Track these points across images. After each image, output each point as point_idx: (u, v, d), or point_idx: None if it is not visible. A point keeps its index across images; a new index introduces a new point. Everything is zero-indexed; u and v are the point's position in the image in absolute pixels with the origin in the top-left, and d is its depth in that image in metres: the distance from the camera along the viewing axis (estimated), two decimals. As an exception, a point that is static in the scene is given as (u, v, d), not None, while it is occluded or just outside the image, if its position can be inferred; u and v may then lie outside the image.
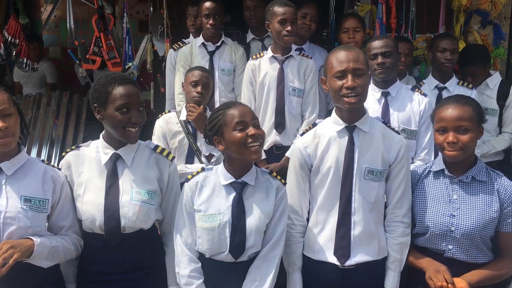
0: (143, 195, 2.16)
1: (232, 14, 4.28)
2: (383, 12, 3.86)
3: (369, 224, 2.22)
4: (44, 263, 2.03)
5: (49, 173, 2.12)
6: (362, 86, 2.14)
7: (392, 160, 2.24)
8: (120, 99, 2.08)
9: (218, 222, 2.11)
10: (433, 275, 2.11)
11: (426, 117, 3.00)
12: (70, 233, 2.17)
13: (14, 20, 4.72)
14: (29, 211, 2.02)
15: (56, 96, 4.37)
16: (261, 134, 2.13)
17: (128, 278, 2.18)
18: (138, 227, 2.17)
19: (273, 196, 2.18)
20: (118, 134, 2.14)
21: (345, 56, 2.14)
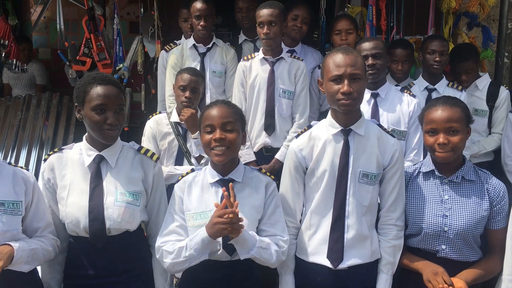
0: (127, 196, 2.15)
1: (223, 16, 4.28)
2: (373, 14, 3.88)
3: (363, 227, 2.23)
4: (24, 267, 2.00)
5: (19, 175, 2.10)
6: (358, 91, 2.14)
7: (386, 164, 2.25)
8: (96, 99, 2.07)
9: (209, 218, 2.10)
10: (432, 277, 2.12)
11: (415, 118, 3.02)
12: (46, 233, 2.14)
13: (3, 21, 4.68)
14: (3, 215, 1.99)
15: (46, 98, 4.34)
16: (228, 138, 2.11)
17: (115, 281, 2.17)
18: (124, 228, 2.16)
19: (263, 191, 2.19)
20: (95, 134, 2.13)
21: (342, 61, 2.13)
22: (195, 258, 2.07)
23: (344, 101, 2.13)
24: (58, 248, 2.19)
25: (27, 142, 3.90)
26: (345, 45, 3.51)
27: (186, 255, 2.06)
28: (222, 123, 2.12)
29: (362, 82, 2.16)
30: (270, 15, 3.18)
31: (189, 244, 2.07)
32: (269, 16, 3.18)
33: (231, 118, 2.14)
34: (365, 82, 2.20)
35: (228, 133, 2.12)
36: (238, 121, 2.17)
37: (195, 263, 2.08)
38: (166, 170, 2.98)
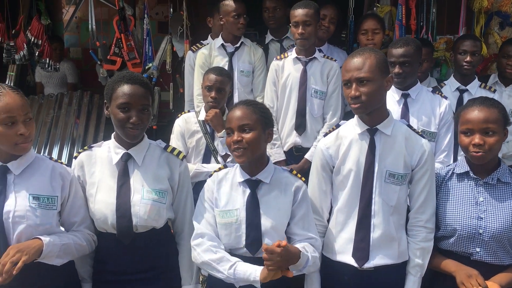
0: (154, 194, 2.18)
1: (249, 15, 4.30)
2: (403, 13, 3.84)
3: (390, 227, 2.21)
4: (56, 261, 2.04)
5: (57, 170, 2.14)
6: (367, 94, 2.12)
7: (415, 164, 2.22)
8: (121, 97, 2.11)
9: (235, 217, 2.13)
10: (465, 280, 2.09)
11: (446, 120, 2.99)
12: (81, 228, 2.18)
13: (37, 21, 4.80)
14: (37, 209, 2.03)
15: (77, 96, 4.43)
16: (245, 139, 2.11)
17: (142, 278, 2.20)
18: (150, 226, 2.19)
19: (291, 194, 2.18)
20: (119, 132, 2.17)
21: (350, 65, 2.15)
22: (230, 280, 2.06)
23: (353, 105, 2.16)
24: (95, 243, 2.23)
25: (59, 139, 3.99)
26: (371, 45, 3.50)
27: (226, 272, 2.06)
28: (239, 125, 2.13)
29: (372, 84, 2.13)
30: (305, 15, 3.18)
31: (237, 266, 2.06)
32: (304, 16, 3.18)
33: (248, 119, 2.13)
34: (378, 83, 2.15)
35: (246, 134, 2.12)
36: (259, 120, 2.15)
37: (223, 280, 2.09)
38: (194, 167, 3.02)
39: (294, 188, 2.19)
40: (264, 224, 2.13)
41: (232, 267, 2.06)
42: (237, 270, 2.05)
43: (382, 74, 2.17)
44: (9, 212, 1.98)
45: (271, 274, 1.98)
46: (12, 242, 1.98)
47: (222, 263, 2.07)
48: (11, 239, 1.99)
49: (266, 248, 1.93)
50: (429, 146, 2.27)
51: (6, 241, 1.98)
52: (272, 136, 2.23)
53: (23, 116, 1.99)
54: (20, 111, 1.98)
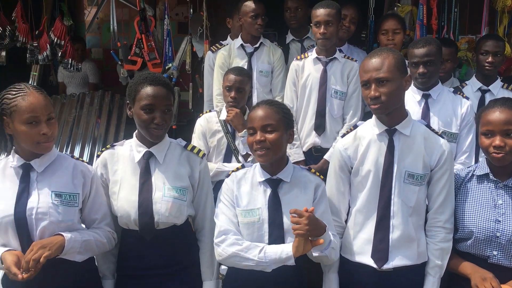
0: (175, 192, 2.21)
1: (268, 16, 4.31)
2: (424, 13, 3.80)
3: (409, 228, 2.20)
4: (77, 257, 2.08)
5: (78, 168, 2.17)
6: (387, 94, 2.12)
7: (434, 165, 2.21)
8: (145, 99, 2.14)
9: (258, 216, 2.15)
10: (480, 282, 2.07)
11: (468, 120, 2.96)
12: (102, 225, 2.21)
13: (60, 22, 4.88)
14: (60, 206, 2.06)
15: (98, 96, 4.50)
16: (268, 139, 2.11)
17: (164, 273, 2.23)
18: (171, 222, 2.22)
19: (311, 192, 2.19)
20: (143, 132, 2.21)
21: (369, 65, 2.15)
22: (262, 265, 2.07)
23: (373, 106, 2.15)
24: (115, 240, 2.26)
25: (80, 138, 4.06)
26: (391, 45, 3.47)
27: (257, 257, 2.07)
28: (262, 125, 2.13)
29: (391, 84, 2.12)
30: (327, 15, 3.18)
31: (267, 248, 2.08)
32: (326, 16, 3.17)
33: (271, 119, 2.13)
34: (397, 83, 2.14)
35: (269, 134, 2.12)
36: (281, 120, 2.16)
37: (254, 268, 2.09)
38: (215, 167, 3.04)
39: (314, 185, 2.20)
40: (286, 222, 2.13)
41: (261, 251, 2.07)
42: (267, 252, 2.06)
43: (401, 74, 2.16)
44: (32, 208, 2.03)
45: (301, 244, 2.00)
46: (35, 238, 2.03)
47: (251, 250, 2.09)
48: (34, 235, 2.03)
49: (294, 211, 1.96)
50: (448, 146, 2.25)
51: (29, 237, 2.03)
52: (293, 137, 2.24)
53: (46, 116, 2.03)
54: (43, 111, 2.01)
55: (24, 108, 1.98)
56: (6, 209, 2.02)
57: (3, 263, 1.96)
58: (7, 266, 1.93)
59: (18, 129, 2.00)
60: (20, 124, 1.99)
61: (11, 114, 1.99)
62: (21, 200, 2.03)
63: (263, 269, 2.08)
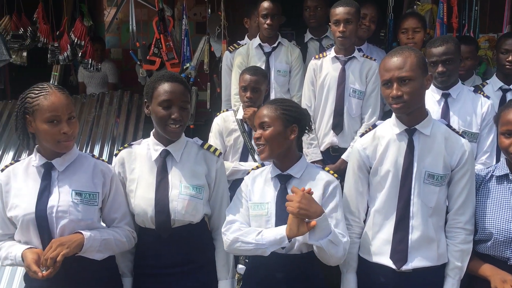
0: (191, 190, 2.22)
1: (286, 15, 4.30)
2: (444, 11, 3.75)
3: (428, 229, 2.18)
4: (97, 255, 2.10)
5: (99, 167, 2.20)
6: (410, 93, 2.10)
7: (454, 165, 2.18)
8: (163, 95, 2.16)
9: (266, 210, 2.17)
10: (500, 285, 2.05)
11: (489, 120, 2.91)
12: (122, 225, 2.23)
13: (80, 22, 4.95)
14: (80, 205, 2.09)
15: (117, 96, 4.54)
16: (263, 135, 2.16)
17: (180, 271, 2.25)
18: (187, 221, 2.23)
19: (320, 189, 2.17)
20: (160, 129, 2.22)
21: (390, 64, 2.13)
22: (260, 248, 2.08)
23: (395, 105, 2.13)
24: (135, 240, 2.28)
25: (100, 137, 4.10)
26: (411, 44, 3.43)
27: (254, 240, 2.09)
28: (259, 123, 2.20)
29: (414, 83, 2.11)
30: (347, 13, 3.16)
31: (264, 231, 2.11)
32: (345, 14, 3.16)
33: (267, 117, 2.17)
34: (419, 82, 2.13)
35: (264, 131, 2.17)
36: (279, 117, 2.17)
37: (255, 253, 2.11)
38: (231, 166, 3.04)
39: (324, 183, 2.19)
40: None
41: (259, 233, 2.10)
42: (264, 235, 2.09)
43: (422, 73, 2.14)
44: (53, 207, 2.06)
45: (294, 224, 2.00)
46: (55, 236, 2.06)
47: (250, 234, 2.12)
48: (54, 233, 2.06)
49: (292, 189, 2.00)
50: (469, 146, 2.22)
51: (50, 234, 2.06)
52: (295, 133, 2.20)
53: (67, 115, 2.06)
54: (64, 110, 2.04)
55: (45, 107, 2.01)
56: (27, 207, 2.06)
57: (24, 260, 2.00)
58: (28, 264, 1.97)
59: (39, 127, 2.03)
60: (41, 123, 2.02)
61: (33, 113, 2.03)
62: (42, 198, 2.07)
63: (262, 253, 2.09)
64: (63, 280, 2.04)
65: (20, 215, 2.06)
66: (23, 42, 5.16)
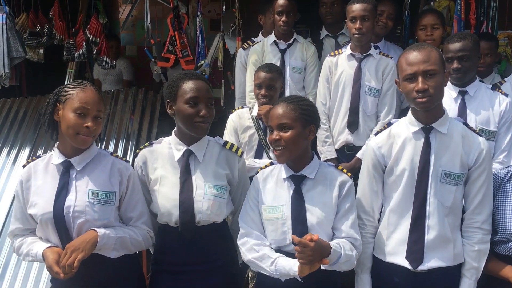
0: (215, 190, 2.22)
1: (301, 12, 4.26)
2: (461, 7, 3.69)
3: (445, 229, 2.15)
4: (112, 253, 2.11)
5: (116, 166, 2.20)
6: (435, 87, 2.07)
7: (472, 164, 2.15)
8: (189, 92, 2.17)
9: (281, 213, 2.14)
10: None
11: (507, 118, 2.86)
12: (139, 224, 2.23)
13: (95, 20, 4.97)
14: (96, 205, 2.10)
15: (132, 93, 4.55)
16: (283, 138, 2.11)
17: (200, 269, 2.25)
18: (212, 220, 2.23)
19: (336, 189, 2.15)
20: (187, 127, 2.21)
21: (414, 58, 2.09)
22: (275, 276, 2.08)
23: (420, 99, 2.08)
24: (152, 239, 2.28)
25: (115, 134, 4.11)
26: (430, 41, 3.39)
27: (269, 269, 2.08)
28: (278, 124, 2.14)
29: (438, 77, 2.08)
30: (364, 10, 3.14)
31: (278, 261, 2.08)
32: (362, 11, 3.14)
33: (286, 118, 2.12)
34: (442, 76, 2.10)
35: (284, 133, 2.12)
36: (299, 118, 2.13)
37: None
38: (246, 163, 3.02)
39: (339, 182, 2.16)
40: (309, 219, 2.12)
41: (273, 263, 2.07)
42: (278, 266, 2.06)
43: (444, 68, 2.12)
44: (70, 207, 2.07)
45: (306, 268, 1.96)
46: (73, 234, 2.08)
47: (264, 260, 2.10)
48: (72, 232, 2.08)
49: (299, 241, 1.90)
50: (487, 144, 2.18)
51: (68, 233, 2.09)
52: (314, 133, 2.19)
53: (96, 112, 2.09)
54: (94, 106, 2.08)
55: (78, 97, 2.07)
56: (46, 206, 2.08)
57: (45, 260, 2.02)
58: (49, 265, 1.99)
59: (66, 115, 2.07)
60: (69, 111, 2.06)
61: (65, 101, 2.08)
62: (59, 197, 2.09)
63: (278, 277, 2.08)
64: (86, 276, 2.07)
65: (39, 214, 2.09)
66: (40, 39, 5.21)
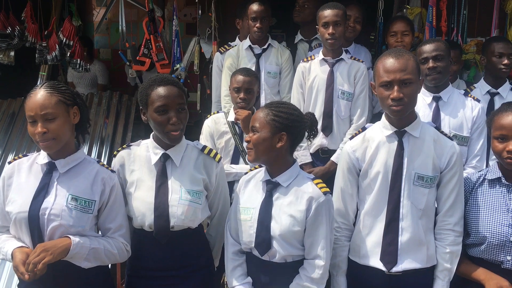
0: (191, 195, 2.20)
1: (277, 17, 4.29)
2: (433, 15, 3.78)
3: (418, 231, 2.18)
4: (83, 263, 2.06)
5: (100, 175, 2.15)
6: (410, 95, 2.11)
7: (443, 167, 2.19)
8: (158, 101, 2.13)
9: (250, 215, 2.16)
10: None
11: (479, 123, 2.91)
12: (116, 236, 2.18)
13: (69, 22, 4.89)
14: (73, 210, 2.05)
15: (106, 96, 4.50)
16: (252, 140, 2.15)
17: (175, 274, 2.23)
18: (186, 226, 2.22)
19: (304, 203, 2.11)
20: (160, 135, 2.20)
21: (392, 66, 2.11)
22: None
23: (394, 107, 2.12)
24: (128, 253, 2.22)
25: (88, 138, 4.05)
26: (400, 47, 3.44)
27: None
28: (251, 126, 2.18)
29: (414, 86, 2.12)
30: (336, 15, 3.19)
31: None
32: (334, 17, 3.19)
33: (256, 121, 2.15)
34: (417, 85, 2.14)
35: (253, 134, 2.15)
36: (268, 123, 2.12)
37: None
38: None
39: (307, 197, 2.10)
40: (273, 227, 2.11)
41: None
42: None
43: (419, 76, 2.16)
44: (46, 208, 2.03)
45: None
46: (45, 237, 2.03)
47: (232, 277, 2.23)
48: (44, 235, 2.03)
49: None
50: (458, 148, 2.24)
51: (41, 235, 2.04)
52: (284, 142, 2.13)
53: (42, 117, 2.00)
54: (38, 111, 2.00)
55: (26, 107, 2.03)
56: (22, 205, 2.04)
57: (13, 260, 1.98)
58: (15, 264, 1.95)
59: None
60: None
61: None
62: (37, 198, 2.05)
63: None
64: (54, 282, 2.02)
65: (14, 211, 2.04)
66: (10, 41, 5.09)
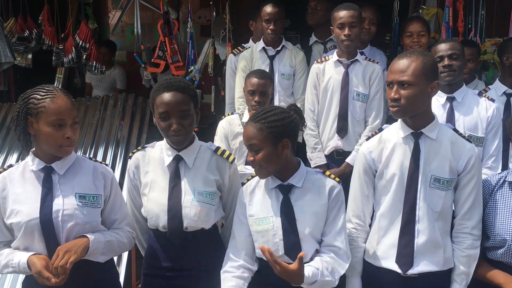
0: (204, 196, 2.21)
1: (291, 19, 4.29)
2: (449, 15, 3.74)
3: (435, 233, 2.16)
4: (101, 258, 2.10)
5: (98, 170, 2.18)
6: (407, 98, 2.09)
7: (461, 169, 2.16)
8: (160, 107, 2.14)
9: (271, 224, 2.11)
10: None
11: (494, 123, 2.88)
12: (123, 225, 2.23)
13: (85, 25, 4.96)
14: (84, 208, 2.08)
15: (122, 98, 4.53)
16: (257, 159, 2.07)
17: (188, 275, 2.24)
18: (200, 227, 2.23)
19: (325, 195, 2.12)
20: (165, 139, 2.23)
21: (394, 67, 2.13)
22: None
23: (391, 108, 2.14)
24: (134, 240, 2.29)
25: (104, 140, 4.09)
26: (416, 47, 3.43)
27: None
28: (249, 145, 2.09)
29: (413, 89, 2.09)
30: (352, 17, 3.19)
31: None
32: (350, 18, 3.19)
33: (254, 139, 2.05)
34: (419, 88, 2.10)
35: (256, 154, 2.07)
36: (267, 137, 2.05)
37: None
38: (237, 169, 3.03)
39: (328, 189, 2.12)
40: (300, 229, 2.09)
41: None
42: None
43: (426, 80, 2.11)
44: (59, 211, 2.04)
45: None
46: (61, 240, 2.04)
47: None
48: (60, 237, 2.04)
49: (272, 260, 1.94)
50: (476, 150, 2.20)
51: (56, 239, 2.04)
52: (288, 146, 2.09)
53: (72, 120, 2.04)
54: (70, 115, 2.03)
55: (52, 110, 1.99)
56: (31, 212, 2.02)
57: (32, 267, 1.95)
58: (38, 271, 1.92)
59: (42, 130, 2.00)
60: (45, 126, 1.99)
61: (37, 115, 2.00)
62: (45, 203, 2.04)
63: None
64: (66, 284, 2.01)
65: (24, 221, 2.02)
66: (28, 44, 5.17)
